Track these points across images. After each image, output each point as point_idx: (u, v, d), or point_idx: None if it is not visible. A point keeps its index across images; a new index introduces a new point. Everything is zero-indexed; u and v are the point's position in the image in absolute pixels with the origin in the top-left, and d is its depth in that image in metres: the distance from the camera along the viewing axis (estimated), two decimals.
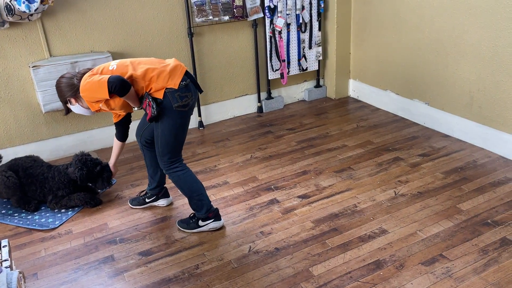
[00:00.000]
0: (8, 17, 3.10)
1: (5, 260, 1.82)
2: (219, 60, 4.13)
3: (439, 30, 3.52)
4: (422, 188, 2.99)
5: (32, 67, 3.30)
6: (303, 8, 4.21)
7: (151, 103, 2.37)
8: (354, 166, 3.32)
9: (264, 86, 4.43)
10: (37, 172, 2.99)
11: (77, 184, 3.02)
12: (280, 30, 4.17)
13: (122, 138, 2.81)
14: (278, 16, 4.12)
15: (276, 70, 4.33)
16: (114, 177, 3.12)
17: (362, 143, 3.67)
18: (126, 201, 3.07)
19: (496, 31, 3.12)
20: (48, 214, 2.97)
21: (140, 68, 2.40)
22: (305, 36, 4.37)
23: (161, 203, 2.98)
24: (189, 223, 2.70)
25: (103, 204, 3.07)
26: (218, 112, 4.28)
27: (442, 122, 3.71)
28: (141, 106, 2.46)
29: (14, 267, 2.20)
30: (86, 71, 2.50)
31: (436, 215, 2.70)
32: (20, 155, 3.39)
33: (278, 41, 4.21)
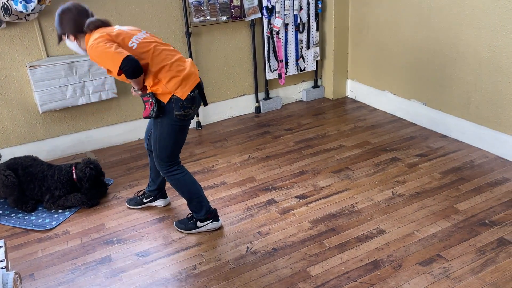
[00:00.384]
0: (5, 17, 3.09)
1: (1, 261, 1.82)
2: (217, 60, 4.12)
3: (437, 31, 3.53)
4: (419, 188, 3.00)
5: (29, 67, 3.29)
6: (301, 8, 4.22)
7: (153, 104, 2.33)
8: (352, 167, 3.32)
9: (262, 87, 4.43)
10: (36, 170, 2.99)
11: (74, 185, 3.02)
12: (278, 30, 4.17)
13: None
14: (276, 17, 4.12)
15: (274, 71, 4.33)
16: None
17: (360, 143, 3.67)
18: (124, 201, 3.07)
19: (493, 32, 3.13)
20: (45, 215, 2.96)
21: (157, 60, 2.30)
22: (303, 36, 4.37)
23: (158, 203, 2.97)
24: (187, 223, 2.70)
25: (100, 204, 3.06)
26: (216, 112, 4.28)
27: (440, 122, 3.72)
28: (142, 92, 2.37)
29: (11, 268, 2.20)
30: (98, 23, 2.34)
31: (434, 215, 2.71)
32: (17, 155, 3.38)
33: (276, 41, 4.21)
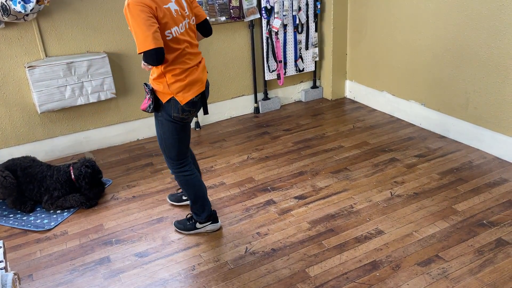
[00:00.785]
0: (4, 17, 3.08)
1: (0, 262, 1.81)
2: (216, 61, 4.12)
3: (435, 31, 3.53)
4: (418, 189, 3.00)
5: (28, 67, 3.29)
6: (299, 9, 4.22)
7: (151, 100, 2.31)
8: (351, 167, 3.32)
9: (261, 87, 4.43)
10: (35, 171, 2.99)
11: (73, 186, 3.01)
12: (276, 31, 4.17)
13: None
14: (275, 17, 4.12)
15: (273, 71, 4.33)
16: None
17: (359, 144, 3.68)
18: (122, 202, 3.06)
19: (492, 33, 3.13)
20: (43, 215, 2.95)
21: (176, 61, 2.24)
22: (301, 37, 4.37)
23: (188, 202, 2.92)
24: (186, 224, 2.69)
25: (99, 205, 3.05)
26: (214, 112, 4.27)
27: (438, 123, 3.73)
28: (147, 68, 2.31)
29: (9, 269, 2.19)
30: None
31: (432, 216, 2.71)
32: (15, 155, 3.38)
33: (274, 42, 4.21)
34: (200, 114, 4.19)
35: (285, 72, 4.40)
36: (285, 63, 4.37)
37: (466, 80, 3.40)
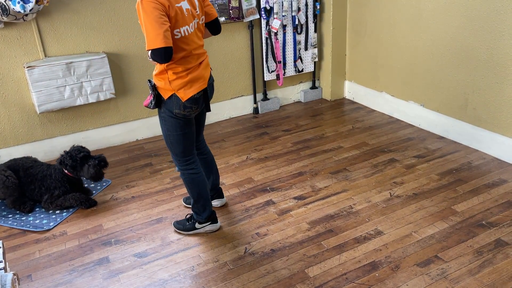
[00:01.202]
0: (3, 17, 3.08)
1: None
2: (215, 61, 4.12)
3: (434, 32, 3.54)
4: (417, 189, 3.00)
5: (27, 67, 3.28)
6: (299, 9, 4.22)
7: (153, 96, 2.31)
8: (350, 168, 3.33)
9: (260, 87, 4.43)
10: (37, 171, 2.98)
11: (71, 181, 3.01)
12: (276, 31, 4.18)
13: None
14: (274, 18, 4.13)
15: (272, 71, 4.33)
16: None
17: (358, 144, 3.68)
18: (121, 202, 3.06)
19: (491, 34, 3.14)
20: (42, 216, 2.95)
21: (181, 60, 2.25)
22: (301, 37, 4.37)
23: (215, 203, 2.91)
24: (185, 224, 2.69)
25: (98, 205, 3.05)
26: (214, 113, 4.27)
27: (437, 123, 3.73)
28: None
29: (8, 269, 2.19)
30: None
31: (431, 217, 2.71)
32: (15, 156, 3.38)
33: (274, 42, 4.22)
34: None
35: (284, 72, 4.40)
36: (284, 64, 4.37)
37: (465, 81, 3.41)
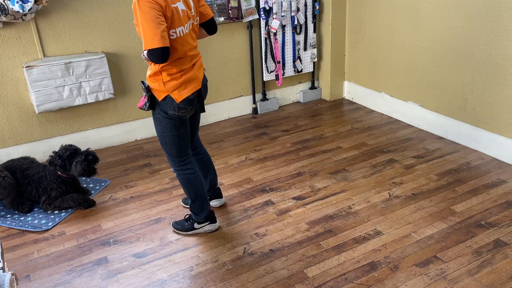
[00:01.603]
0: (2, 17, 3.08)
1: None
2: (214, 61, 4.12)
3: (433, 33, 3.54)
4: (416, 189, 3.00)
5: (26, 67, 3.28)
6: (298, 10, 4.22)
7: (147, 98, 2.30)
8: (349, 168, 3.32)
9: (259, 88, 4.43)
10: (33, 172, 2.98)
11: (68, 184, 3.00)
12: (275, 31, 4.18)
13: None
14: (273, 18, 4.13)
15: (271, 72, 4.33)
16: None
17: (357, 144, 3.68)
18: (120, 202, 3.06)
19: (490, 34, 3.14)
20: (41, 216, 2.95)
21: (175, 61, 2.25)
22: (300, 38, 4.37)
23: (214, 203, 2.92)
24: (184, 225, 2.69)
25: (97, 205, 3.05)
26: (213, 113, 4.27)
27: (436, 124, 3.73)
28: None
29: (7, 269, 2.18)
30: None
31: (430, 217, 2.71)
32: (13, 156, 3.37)
33: (273, 42, 4.21)
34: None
35: (283, 73, 4.40)
36: (283, 64, 4.37)
37: (464, 82, 3.41)
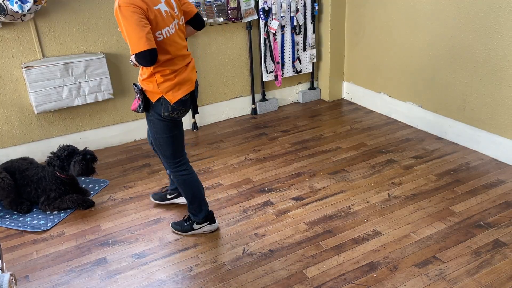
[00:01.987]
0: (1, 17, 3.07)
1: None
2: (213, 62, 4.12)
3: (432, 33, 3.54)
4: (415, 190, 3.00)
5: (25, 67, 3.28)
6: (297, 10, 4.22)
7: (141, 100, 2.30)
8: (348, 168, 3.33)
9: (258, 88, 4.43)
10: (32, 173, 2.97)
11: (67, 184, 3.00)
12: (274, 32, 4.18)
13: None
14: (273, 18, 4.13)
15: (271, 72, 4.33)
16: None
17: (356, 145, 3.68)
18: (119, 202, 3.06)
19: (489, 35, 3.14)
20: (40, 216, 2.94)
21: (166, 62, 2.25)
22: (299, 38, 4.37)
23: (181, 200, 2.95)
24: (183, 225, 2.69)
25: (96, 206, 3.04)
26: (212, 113, 4.27)
27: (435, 124, 3.74)
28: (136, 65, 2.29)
29: (6, 270, 2.18)
30: None
31: (429, 217, 2.72)
32: (12, 156, 3.37)
33: (272, 43, 4.22)
34: (197, 115, 4.18)
35: (282, 73, 4.40)
36: (282, 64, 4.37)
37: (463, 82, 3.41)
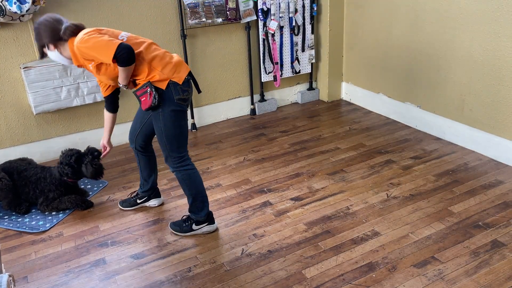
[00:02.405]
0: None
1: None
2: (212, 62, 4.12)
3: (431, 34, 3.55)
4: (414, 190, 3.01)
5: (23, 68, 3.27)
6: (296, 11, 4.23)
7: (153, 92, 2.30)
8: (347, 169, 3.33)
9: (257, 89, 4.44)
10: (30, 174, 2.97)
11: (68, 186, 3.00)
12: (273, 32, 4.18)
13: (114, 109, 2.66)
14: (271, 19, 4.13)
15: (269, 73, 4.34)
16: (107, 155, 2.97)
17: (355, 145, 3.68)
18: (118, 203, 3.05)
19: (487, 35, 3.15)
20: (38, 217, 2.94)
21: (148, 51, 2.33)
22: (298, 39, 4.38)
23: (152, 203, 2.96)
24: (182, 226, 2.68)
25: (95, 206, 3.04)
26: (211, 114, 4.27)
27: (434, 125, 3.74)
28: (128, 87, 2.37)
29: (4, 270, 2.18)
30: (73, 28, 2.33)
31: (428, 218, 2.72)
32: (11, 157, 3.36)
33: (271, 43, 4.22)
34: (196, 116, 4.18)
35: (281, 74, 4.41)
36: (281, 65, 4.38)
37: (462, 83, 3.42)
